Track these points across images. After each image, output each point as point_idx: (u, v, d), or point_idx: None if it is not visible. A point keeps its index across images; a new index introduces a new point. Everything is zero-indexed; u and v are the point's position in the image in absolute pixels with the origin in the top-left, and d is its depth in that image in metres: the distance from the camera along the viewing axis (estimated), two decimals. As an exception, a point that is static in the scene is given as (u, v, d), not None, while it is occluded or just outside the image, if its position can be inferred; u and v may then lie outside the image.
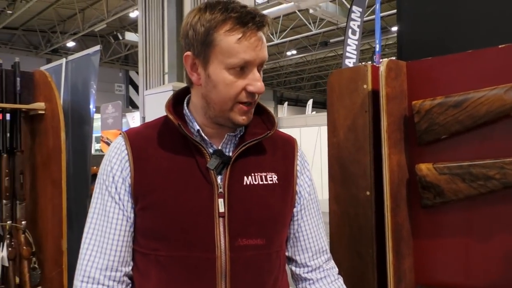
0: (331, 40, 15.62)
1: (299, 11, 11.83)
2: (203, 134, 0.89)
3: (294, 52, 17.82)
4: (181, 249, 0.84)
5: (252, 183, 0.90)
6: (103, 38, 15.55)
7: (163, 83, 6.42)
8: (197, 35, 0.84)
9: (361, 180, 1.30)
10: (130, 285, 0.91)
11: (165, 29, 6.48)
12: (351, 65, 10.18)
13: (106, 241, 0.86)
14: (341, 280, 1.02)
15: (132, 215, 0.88)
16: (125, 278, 0.89)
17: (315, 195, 1.03)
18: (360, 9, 10.08)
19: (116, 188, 0.87)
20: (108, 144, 6.60)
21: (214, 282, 0.84)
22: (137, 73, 9.16)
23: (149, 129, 0.93)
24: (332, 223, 1.38)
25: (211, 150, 0.89)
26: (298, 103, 26.85)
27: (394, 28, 14.02)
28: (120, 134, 0.93)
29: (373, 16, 11.41)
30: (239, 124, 0.88)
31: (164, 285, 0.85)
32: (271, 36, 14.40)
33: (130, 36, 13.50)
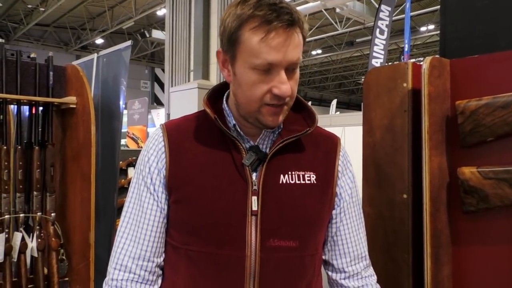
0: (357, 40, 15.41)
1: (325, 10, 11.70)
2: (239, 129, 0.87)
3: (319, 51, 17.66)
4: (211, 245, 0.82)
5: (288, 182, 0.86)
6: (130, 35, 15.79)
7: (188, 81, 6.46)
8: (225, 32, 0.81)
9: (398, 182, 1.24)
10: (161, 276, 0.90)
11: (192, 27, 6.52)
12: (378, 65, 10.00)
13: (140, 230, 0.86)
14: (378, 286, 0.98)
15: (166, 206, 0.87)
16: (157, 269, 0.88)
17: (358, 198, 0.98)
18: (389, 8, 9.89)
19: (151, 179, 0.86)
20: (134, 140, 6.68)
21: (242, 282, 0.82)
22: (163, 70, 9.27)
23: (188, 122, 0.91)
24: (366, 225, 1.33)
25: (247, 146, 0.87)
26: (321, 103, 26.62)
27: (423, 28, 13.71)
28: (160, 125, 0.93)
29: (401, 16, 11.19)
30: (268, 126, 0.84)
31: (192, 280, 0.84)
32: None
33: (156, 33, 13.66)
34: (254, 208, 0.83)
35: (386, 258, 1.27)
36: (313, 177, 0.89)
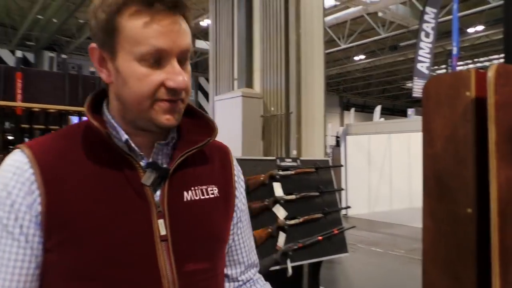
0: (401, 44, 15.03)
1: (367, 14, 11.51)
2: (132, 145, 0.74)
3: (362, 56, 17.36)
4: (120, 286, 0.69)
5: (193, 198, 0.77)
6: (174, 46, 16.23)
7: (232, 89, 6.54)
8: (99, 23, 0.70)
9: (461, 195, 1.19)
10: None
11: (235, 36, 6.61)
12: (423, 69, 9.69)
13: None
14: (268, 285, 0.95)
15: (40, 252, 0.68)
16: None
17: (247, 206, 0.94)
18: (435, 10, 9.59)
19: (16, 219, 0.67)
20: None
21: None
22: (206, 79, 9.46)
23: (61, 141, 0.74)
24: (426, 240, 1.28)
25: (143, 163, 0.75)
26: (365, 109, 26.10)
27: (471, 29, 13.16)
28: (18, 148, 0.71)
29: (447, 17, 10.81)
30: (163, 126, 0.72)
31: None
32: (338, 41, 14.17)
33: (200, 43, 14.00)
34: (163, 232, 0.72)
35: (448, 275, 1.21)
36: (215, 190, 0.82)
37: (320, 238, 3.18)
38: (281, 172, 3.11)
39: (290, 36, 5.78)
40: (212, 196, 0.81)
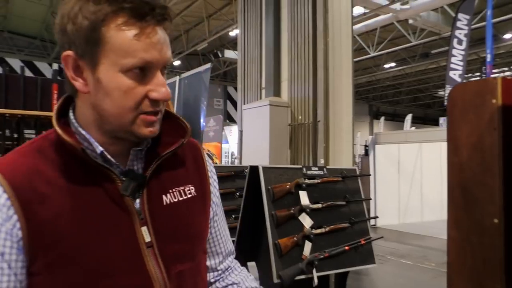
0: (432, 51, 14.73)
1: (397, 22, 11.36)
2: (108, 156, 0.72)
3: (392, 64, 17.11)
4: None
5: (172, 201, 0.78)
6: (204, 56, 16.55)
7: (260, 98, 6.59)
8: (79, 30, 0.66)
9: (488, 205, 1.16)
10: None
11: (263, 46, 6.67)
12: (456, 77, 9.45)
13: None
14: (245, 270, 0.98)
15: (24, 277, 0.66)
16: None
17: (219, 197, 0.95)
18: (467, 17, 9.35)
19: None
20: (209, 156, 6.95)
21: None
22: (235, 88, 9.59)
23: (31, 158, 0.70)
24: (451, 251, 1.26)
25: (118, 171, 0.73)
26: (395, 118, 25.61)
27: (507, 36, 12.74)
28: None
29: (480, 24, 10.52)
30: (144, 138, 0.73)
31: None
32: (367, 49, 14.03)
33: (229, 53, 14.22)
34: (147, 239, 0.73)
35: (474, 286, 1.18)
36: (192, 189, 0.82)
37: (346, 248, 3.14)
38: (307, 181, 3.10)
39: (318, 45, 5.78)
40: (190, 196, 0.82)
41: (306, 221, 3.00)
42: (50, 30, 13.83)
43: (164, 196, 0.77)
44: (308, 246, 2.96)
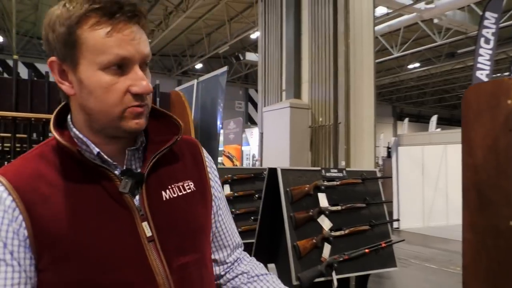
0: (459, 51, 14.39)
1: (421, 21, 11.16)
2: (105, 156, 0.75)
3: (417, 65, 16.81)
4: None
5: (171, 196, 0.81)
6: (225, 59, 16.70)
7: (281, 100, 6.60)
8: (58, 36, 0.71)
9: (503, 208, 1.14)
10: None
11: (283, 48, 6.69)
12: (483, 77, 9.20)
13: None
14: (254, 260, 0.99)
15: (33, 274, 0.70)
16: None
17: (223, 193, 0.98)
18: (495, 15, 9.10)
19: (5, 246, 0.68)
20: (229, 158, 7.00)
21: None
22: (256, 90, 9.62)
23: (34, 163, 0.75)
24: (466, 253, 1.24)
25: (117, 172, 0.77)
26: (419, 119, 25.12)
27: (538, 34, 12.33)
28: None
29: (510, 22, 10.21)
30: (133, 131, 0.75)
31: None
32: (391, 50, 13.84)
33: (250, 56, 14.28)
34: (149, 234, 0.76)
35: (491, 290, 1.17)
36: (191, 184, 0.85)
37: (366, 250, 3.11)
38: (326, 183, 3.09)
39: (338, 46, 5.76)
40: (189, 191, 0.85)
41: (325, 223, 3.00)
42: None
43: (163, 192, 0.80)
44: (327, 248, 2.95)
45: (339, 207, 3.07)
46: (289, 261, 2.69)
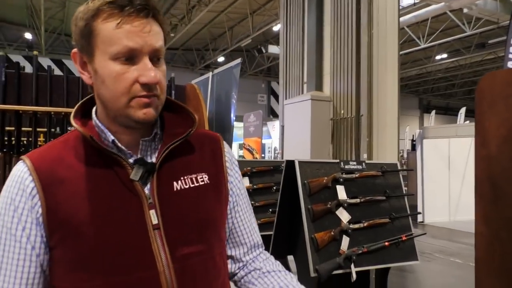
0: (489, 41, 13.88)
1: (450, 11, 10.82)
2: (119, 144, 0.80)
3: (444, 56, 16.33)
4: (119, 274, 0.75)
5: (182, 187, 0.83)
6: (248, 52, 16.70)
7: (302, 93, 6.56)
8: (78, 29, 0.77)
9: (518, 200, 1.11)
10: None
11: (305, 40, 6.63)
12: (515, 67, 8.86)
13: None
14: (272, 258, 0.98)
15: (44, 251, 0.76)
16: None
17: (245, 190, 0.98)
18: (528, 3, 8.73)
19: (19, 222, 0.75)
20: (250, 151, 7.04)
21: None
22: (278, 83, 9.59)
23: (55, 149, 0.81)
24: (479, 246, 1.21)
25: (131, 161, 0.80)
26: (447, 112, 24.46)
27: None
28: (21, 160, 0.81)
29: (545, 10, 9.77)
30: (140, 121, 0.77)
31: None
32: (417, 41, 13.49)
33: (272, 48, 14.22)
34: (155, 222, 0.78)
35: (503, 284, 1.13)
36: (205, 177, 0.86)
37: (386, 243, 3.07)
38: (344, 175, 3.07)
39: (361, 37, 5.67)
40: (202, 183, 0.86)
41: (343, 215, 2.97)
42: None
43: (175, 183, 0.82)
44: (345, 240, 2.93)
45: (358, 200, 3.04)
46: (307, 253, 2.68)
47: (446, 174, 8.35)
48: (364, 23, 5.63)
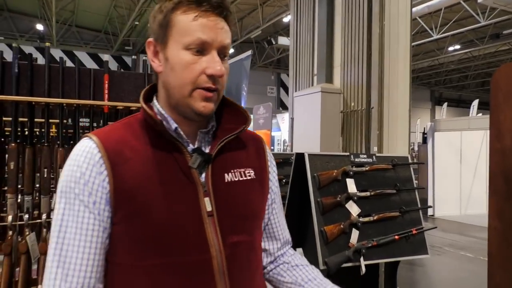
0: (504, 32, 13.62)
1: (464, 1, 10.62)
2: (181, 132, 0.85)
3: (457, 47, 16.07)
4: (174, 255, 0.79)
5: (233, 179, 0.88)
6: (258, 43, 16.60)
7: (312, 85, 6.52)
8: (157, 21, 0.83)
9: (534, 194, 1.09)
10: None
11: (315, 31, 6.57)
12: (530, 59, 8.68)
13: (81, 256, 0.76)
14: (298, 254, 1.04)
15: (109, 225, 0.79)
16: None
17: (279, 190, 1.04)
18: (545, -8, 8.52)
19: (90, 195, 0.78)
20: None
21: (213, 283, 0.81)
22: (288, 75, 9.56)
23: (119, 130, 0.85)
24: (492, 241, 1.20)
25: (189, 149, 0.85)
26: (460, 104, 24.14)
27: None
28: (86, 137, 0.84)
29: (562, -1, 9.53)
30: (199, 112, 0.82)
31: None
32: (430, 32, 13.29)
33: (282, 40, 14.12)
34: (209, 209, 0.82)
35: (518, 279, 1.12)
36: (252, 172, 0.92)
37: (396, 237, 3.06)
38: (354, 168, 3.05)
39: (373, 28, 5.59)
40: (249, 178, 0.91)
41: (353, 209, 2.96)
42: (113, 24, 14.56)
43: (226, 174, 0.88)
44: (355, 234, 2.92)
45: (368, 193, 3.02)
46: (316, 246, 2.68)
47: (457, 168, 8.27)
48: (375, 13, 5.55)
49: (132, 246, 0.78)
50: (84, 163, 0.79)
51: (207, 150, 0.88)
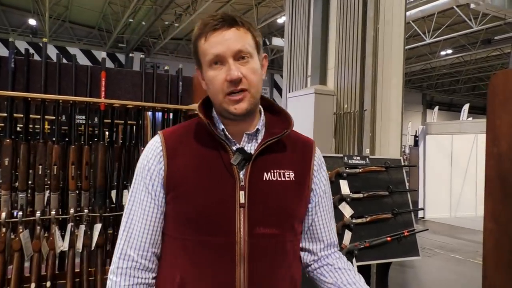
0: (496, 37, 13.78)
1: (457, 6, 10.73)
2: (227, 133, 0.99)
3: (449, 51, 16.22)
4: (206, 234, 0.94)
5: (271, 178, 0.98)
6: (252, 44, 16.55)
7: (306, 86, 6.54)
8: (192, 52, 1.02)
9: (528, 198, 1.11)
10: (158, 263, 1.02)
11: (310, 32, 6.59)
12: (520, 64, 8.79)
13: (140, 226, 0.98)
14: (345, 258, 1.11)
15: (163, 204, 0.99)
16: (155, 258, 1.01)
17: (330, 193, 1.12)
18: (536, 0, 8.64)
19: (150, 180, 0.99)
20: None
21: (234, 264, 0.93)
22: (282, 76, 9.58)
23: (183, 128, 1.05)
24: (488, 243, 1.22)
25: (234, 148, 0.98)
26: (451, 108, 24.38)
27: None
28: (158, 133, 1.05)
29: (552, 7, 9.66)
30: (233, 114, 0.95)
31: (188, 265, 0.96)
32: (423, 36, 13.41)
33: (277, 41, 14.15)
34: (242, 201, 0.95)
35: (511, 281, 1.14)
36: (292, 174, 1.01)
37: (388, 239, 3.08)
38: (348, 170, 3.07)
39: (367, 31, 5.62)
40: (288, 179, 1.00)
41: (346, 210, 2.98)
42: (108, 20, 14.45)
43: (265, 173, 0.99)
44: (348, 235, 2.94)
45: (361, 195, 3.05)
46: (309, 246, 2.68)
47: (448, 171, 8.35)
48: (370, 17, 5.58)
49: (175, 222, 0.97)
50: (149, 154, 1.01)
51: (251, 150, 1.00)
